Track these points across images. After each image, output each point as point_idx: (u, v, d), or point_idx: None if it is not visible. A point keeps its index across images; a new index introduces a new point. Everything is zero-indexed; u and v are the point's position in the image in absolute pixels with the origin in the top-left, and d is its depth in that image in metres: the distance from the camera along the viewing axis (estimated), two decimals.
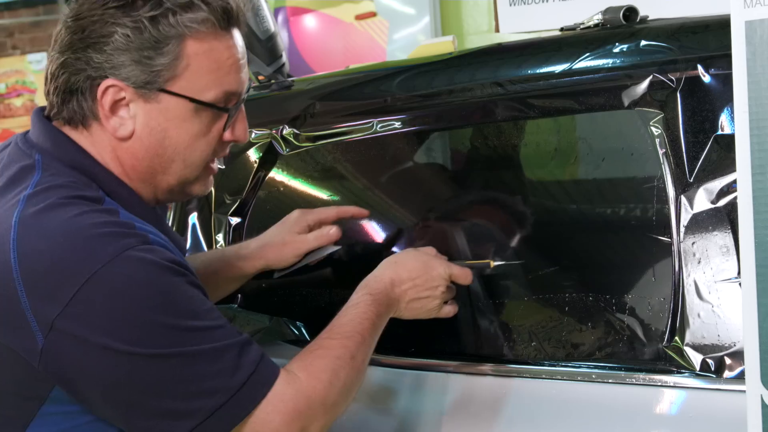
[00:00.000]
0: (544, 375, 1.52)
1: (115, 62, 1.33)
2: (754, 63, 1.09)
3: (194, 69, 1.35)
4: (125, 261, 1.24)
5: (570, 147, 1.71)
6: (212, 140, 1.41)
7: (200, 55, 1.35)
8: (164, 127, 1.37)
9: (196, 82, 1.36)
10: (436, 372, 1.64)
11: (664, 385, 1.40)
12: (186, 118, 1.37)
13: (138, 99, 1.35)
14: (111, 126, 1.36)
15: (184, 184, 1.43)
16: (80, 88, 1.36)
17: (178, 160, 1.39)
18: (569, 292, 1.57)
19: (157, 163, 1.39)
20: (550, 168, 1.75)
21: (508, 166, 1.80)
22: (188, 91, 1.36)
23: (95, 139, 1.38)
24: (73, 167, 1.36)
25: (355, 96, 1.92)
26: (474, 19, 4.87)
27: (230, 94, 1.39)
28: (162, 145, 1.38)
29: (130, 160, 1.39)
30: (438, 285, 1.57)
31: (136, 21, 1.32)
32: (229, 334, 1.30)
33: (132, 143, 1.38)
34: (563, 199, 1.76)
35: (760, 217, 1.10)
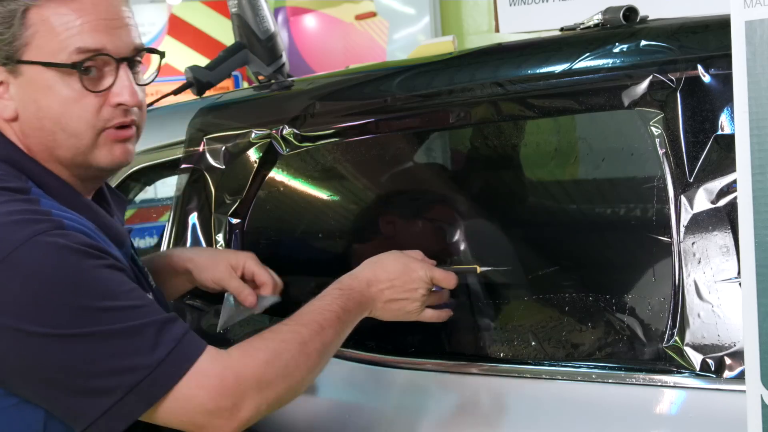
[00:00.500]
0: (544, 375, 1.52)
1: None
2: (754, 63, 1.09)
3: (42, 34, 1.37)
4: (35, 245, 1.26)
5: (570, 147, 1.71)
6: (88, 105, 1.40)
7: (45, 21, 1.37)
8: (34, 99, 1.39)
9: (47, 46, 1.38)
10: (436, 372, 1.64)
11: (664, 385, 1.40)
12: (50, 85, 1.38)
13: (10, 77, 1.39)
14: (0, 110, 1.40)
15: (80, 155, 1.42)
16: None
17: (58, 131, 1.40)
18: (569, 292, 1.56)
19: (44, 138, 1.40)
20: (550, 168, 1.75)
21: (508, 167, 1.80)
22: (40, 57, 1.38)
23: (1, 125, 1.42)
24: (2, 160, 1.39)
25: (355, 96, 1.92)
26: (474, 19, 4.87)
27: (85, 51, 1.38)
28: (38, 117, 1.40)
29: (25, 140, 1.41)
30: (417, 287, 1.56)
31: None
32: (149, 312, 1.31)
33: (20, 123, 1.41)
34: (563, 199, 1.76)
35: (760, 217, 1.10)
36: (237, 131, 2.04)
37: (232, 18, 2.34)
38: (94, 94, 1.40)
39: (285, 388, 1.38)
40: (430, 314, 1.60)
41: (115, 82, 1.41)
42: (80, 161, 1.43)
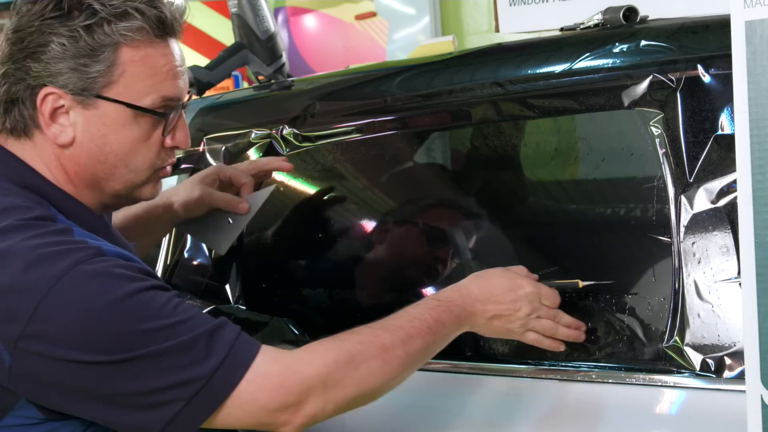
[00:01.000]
0: (545, 375, 1.52)
1: (52, 70, 1.36)
2: (754, 63, 1.09)
3: (130, 75, 1.38)
4: (77, 275, 1.27)
5: (570, 147, 1.71)
6: (154, 146, 1.44)
7: (135, 62, 1.39)
8: (103, 133, 1.40)
9: (132, 88, 1.39)
10: (435, 372, 1.64)
11: (664, 385, 1.40)
12: (125, 124, 1.40)
13: (77, 106, 1.38)
14: (52, 133, 1.39)
15: (130, 189, 1.46)
16: (21, 98, 1.39)
17: (120, 166, 1.42)
18: (569, 292, 1.56)
19: (100, 170, 1.42)
20: (550, 168, 1.75)
21: (508, 166, 1.80)
22: (124, 96, 1.39)
23: (39, 149, 1.41)
24: (23, 186, 1.39)
25: (355, 96, 1.92)
26: (474, 19, 4.86)
27: (168, 99, 1.42)
28: (103, 151, 1.41)
29: (74, 166, 1.42)
30: (522, 306, 1.50)
31: (72, 30, 1.35)
32: (196, 324, 1.31)
33: (74, 150, 1.41)
34: (563, 200, 1.76)
35: (760, 217, 1.10)
36: (237, 131, 2.04)
37: (232, 18, 2.34)
38: (160, 137, 1.43)
39: (356, 391, 1.36)
40: (533, 337, 1.53)
41: (177, 128, 1.45)
42: (125, 194, 1.46)
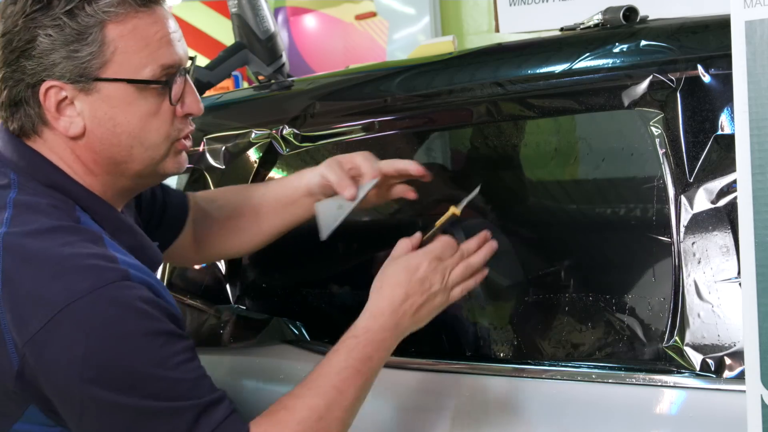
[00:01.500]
0: (544, 375, 1.52)
1: (46, 64, 1.35)
2: (754, 63, 1.09)
3: (122, 51, 1.36)
4: (99, 298, 1.26)
5: (570, 147, 1.71)
6: (164, 117, 1.41)
7: (125, 37, 1.36)
8: (111, 115, 1.38)
9: (128, 63, 1.37)
10: (435, 372, 1.64)
11: (664, 385, 1.40)
12: (130, 102, 1.38)
13: (79, 94, 1.37)
14: (62, 127, 1.38)
15: (152, 166, 1.43)
16: (23, 98, 1.38)
17: (136, 145, 1.40)
18: (569, 292, 1.56)
19: (117, 153, 1.40)
20: (550, 168, 1.75)
21: (508, 166, 1.80)
22: (122, 73, 1.36)
23: (51, 145, 1.40)
24: (48, 185, 1.39)
25: (355, 96, 1.92)
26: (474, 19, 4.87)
27: (167, 67, 1.39)
28: (115, 134, 1.38)
29: (90, 156, 1.40)
30: (431, 281, 1.46)
31: (55, 19, 1.34)
32: (194, 390, 1.30)
33: (86, 139, 1.39)
34: (563, 200, 1.76)
35: (760, 217, 1.10)
36: (237, 131, 2.04)
37: (232, 18, 2.34)
38: (169, 107, 1.41)
39: None
40: (459, 291, 1.49)
41: (185, 94, 1.43)
42: (149, 172, 1.44)
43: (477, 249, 1.51)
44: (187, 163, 1.48)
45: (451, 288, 1.48)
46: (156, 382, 1.27)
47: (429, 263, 1.46)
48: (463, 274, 1.48)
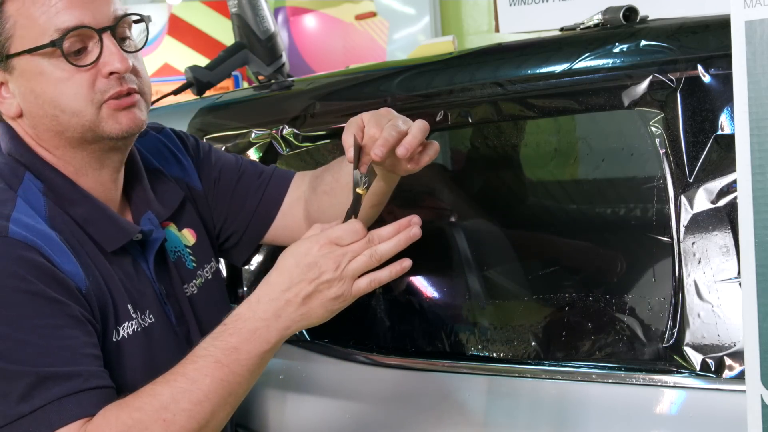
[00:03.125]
0: (544, 375, 1.52)
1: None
2: (754, 63, 1.09)
3: (22, 24, 1.39)
4: None
5: (570, 147, 1.71)
6: (81, 81, 1.40)
7: (22, 9, 1.39)
8: (31, 88, 1.41)
9: (29, 34, 1.39)
10: (435, 372, 1.64)
11: (664, 385, 1.40)
12: (41, 71, 1.40)
13: (4, 74, 1.42)
14: (4, 110, 1.44)
15: (89, 131, 1.42)
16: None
17: (58, 113, 1.41)
18: (569, 292, 1.56)
19: (49, 124, 1.42)
20: (550, 168, 1.75)
21: (508, 166, 1.80)
22: (25, 45, 1.39)
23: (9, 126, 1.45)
24: (8, 153, 1.44)
25: (355, 96, 1.92)
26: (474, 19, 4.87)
27: (67, 30, 1.38)
28: (39, 105, 1.41)
29: (34, 131, 1.44)
30: (321, 268, 1.28)
31: None
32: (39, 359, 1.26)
33: (27, 118, 1.43)
34: (563, 199, 1.76)
35: (760, 217, 1.10)
36: (237, 131, 2.04)
37: (232, 18, 2.34)
38: (84, 69, 1.40)
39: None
40: (365, 284, 1.30)
41: (101, 53, 1.40)
42: (91, 137, 1.43)
43: (391, 236, 1.32)
44: (137, 122, 1.43)
45: (352, 278, 1.29)
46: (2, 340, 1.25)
47: (320, 248, 1.29)
48: (367, 264, 1.29)
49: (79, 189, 1.45)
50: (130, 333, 1.40)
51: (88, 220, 1.43)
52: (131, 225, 1.48)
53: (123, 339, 1.39)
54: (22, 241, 1.31)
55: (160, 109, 2.36)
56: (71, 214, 1.42)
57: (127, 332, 1.40)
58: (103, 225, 1.44)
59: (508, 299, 1.67)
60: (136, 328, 1.42)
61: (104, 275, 1.40)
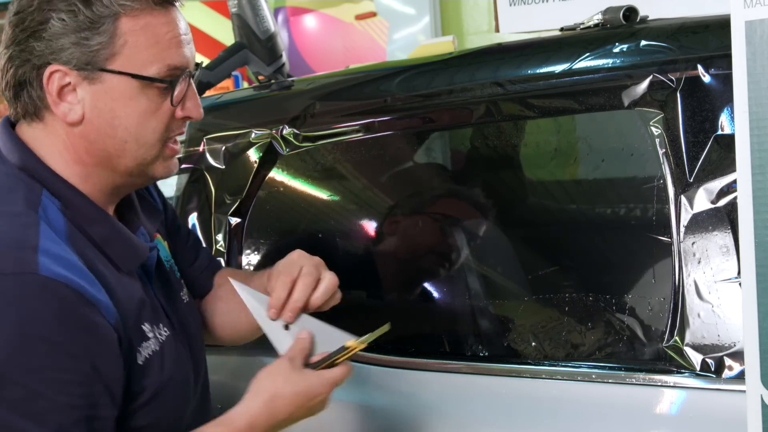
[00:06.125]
0: (544, 375, 1.52)
1: (54, 47, 1.35)
2: (754, 63, 1.09)
3: (132, 45, 1.36)
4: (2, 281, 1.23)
5: (570, 147, 1.71)
6: (163, 117, 1.40)
7: (137, 32, 1.36)
8: (111, 107, 1.37)
9: (136, 58, 1.36)
10: (436, 372, 1.64)
11: (664, 385, 1.41)
12: (132, 96, 1.37)
13: (83, 82, 1.36)
14: (61, 112, 1.37)
15: (142, 165, 1.42)
16: (27, 79, 1.37)
17: (130, 141, 1.39)
18: (569, 292, 1.56)
19: (111, 146, 1.39)
20: (550, 168, 1.75)
21: (508, 167, 1.80)
22: (128, 67, 1.36)
23: (50, 130, 1.40)
24: (21, 168, 1.38)
25: (355, 96, 1.92)
26: (474, 19, 4.87)
27: (173, 68, 1.39)
28: (112, 126, 1.38)
29: (84, 144, 1.39)
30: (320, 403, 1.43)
31: (71, 4, 1.34)
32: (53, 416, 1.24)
33: (83, 128, 1.38)
34: (563, 199, 1.76)
35: (760, 217, 1.10)
36: (237, 131, 2.04)
37: (232, 18, 2.34)
38: (169, 108, 1.40)
39: None
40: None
41: (186, 97, 1.41)
42: (138, 171, 1.42)
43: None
44: (177, 169, 1.47)
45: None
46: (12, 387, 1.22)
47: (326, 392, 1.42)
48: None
49: (98, 207, 1.42)
50: (151, 353, 1.40)
51: (107, 240, 1.39)
52: (143, 243, 1.47)
53: (146, 359, 1.38)
54: (54, 278, 1.26)
55: None
56: (90, 233, 1.38)
57: (148, 353, 1.39)
58: (121, 244, 1.42)
59: (507, 299, 1.67)
60: (155, 346, 1.41)
61: (122, 297, 1.37)
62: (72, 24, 1.34)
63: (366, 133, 1.85)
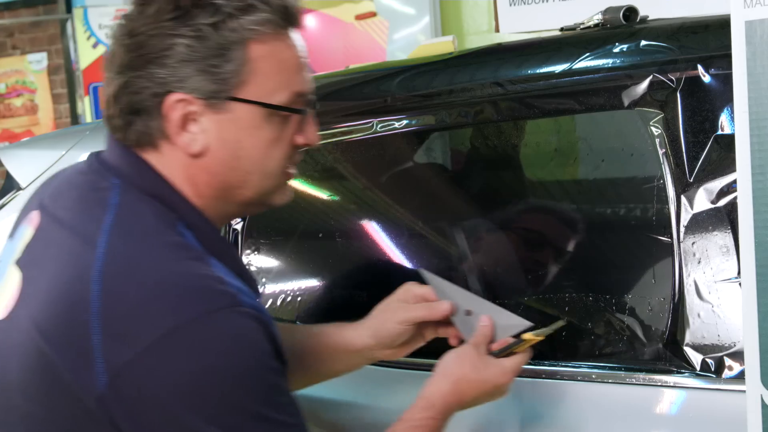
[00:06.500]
0: (544, 375, 1.52)
1: (180, 75, 1.25)
2: (754, 63, 1.09)
3: (260, 72, 1.28)
4: (212, 323, 1.17)
5: (570, 147, 1.71)
6: (285, 146, 1.32)
7: (265, 58, 1.28)
8: (237, 138, 1.29)
9: (264, 86, 1.28)
10: None
11: (664, 385, 1.41)
12: (258, 125, 1.29)
13: (207, 111, 1.27)
14: (182, 143, 1.28)
15: (263, 196, 1.34)
16: (145, 107, 1.27)
17: (255, 172, 1.31)
18: (569, 292, 1.56)
19: (233, 177, 1.30)
20: (550, 168, 1.75)
21: (508, 167, 1.80)
22: (257, 96, 1.28)
23: (166, 160, 1.30)
24: (152, 195, 1.28)
25: (355, 96, 1.92)
26: (474, 19, 4.87)
27: (299, 94, 1.32)
28: (236, 157, 1.29)
29: (205, 177, 1.30)
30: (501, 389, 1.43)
31: (197, 30, 1.25)
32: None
33: (206, 159, 1.29)
34: (563, 200, 1.76)
35: (760, 217, 1.10)
36: None
37: None
38: (290, 136, 1.33)
39: None
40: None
41: (307, 125, 1.34)
42: (256, 201, 1.35)
43: None
44: (292, 195, 1.39)
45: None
46: (261, 423, 1.19)
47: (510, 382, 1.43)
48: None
49: (224, 239, 1.35)
50: None
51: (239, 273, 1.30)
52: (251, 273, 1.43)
53: None
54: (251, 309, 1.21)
55: None
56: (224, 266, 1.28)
57: None
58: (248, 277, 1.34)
59: (507, 299, 1.67)
60: None
61: None
62: (201, 50, 1.25)
63: (366, 133, 1.85)
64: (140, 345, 1.15)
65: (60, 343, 1.19)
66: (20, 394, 1.24)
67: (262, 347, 1.20)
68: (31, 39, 7.41)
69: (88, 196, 1.30)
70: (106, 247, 1.21)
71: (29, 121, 7.49)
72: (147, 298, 1.17)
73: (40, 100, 7.47)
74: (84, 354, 1.17)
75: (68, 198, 1.33)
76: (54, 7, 7.31)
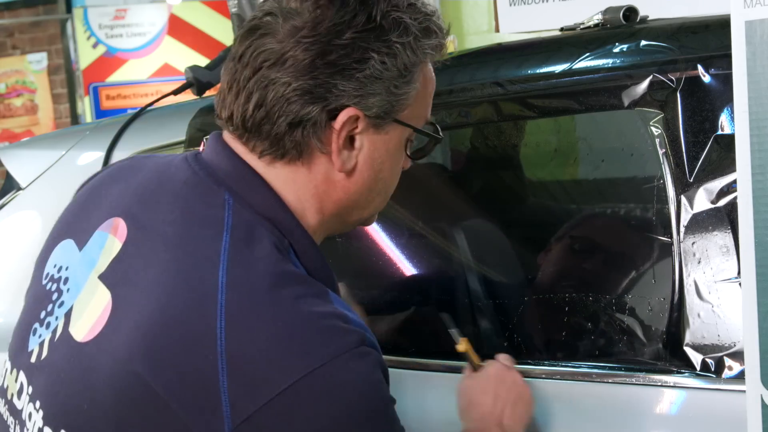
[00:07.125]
0: (544, 375, 1.52)
1: (364, 91, 1.18)
2: (754, 63, 1.09)
3: (420, 96, 1.25)
4: (344, 365, 1.11)
5: (570, 147, 1.71)
6: (400, 170, 1.30)
7: (426, 81, 1.25)
8: (384, 159, 1.25)
9: (419, 110, 1.26)
10: (436, 372, 1.64)
11: (664, 385, 1.41)
12: (400, 149, 1.26)
13: (368, 130, 1.21)
14: (340, 160, 1.21)
15: (373, 216, 1.32)
16: (313, 119, 1.18)
17: (382, 193, 1.28)
18: (569, 292, 1.57)
19: (363, 197, 1.26)
20: (550, 168, 1.75)
21: (508, 167, 1.80)
22: (411, 119, 1.25)
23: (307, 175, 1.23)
24: (266, 217, 1.21)
25: None
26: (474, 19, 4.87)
27: (428, 121, 1.30)
28: (376, 178, 1.25)
29: (339, 194, 1.24)
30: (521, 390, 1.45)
31: (390, 47, 1.19)
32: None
33: (352, 178, 1.24)
34: (563, 199, 1.76)
35: (760, 217, 1.10)
36: None
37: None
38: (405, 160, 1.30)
39: None
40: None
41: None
42: (364, 221, 1.33)
43: None
44: None
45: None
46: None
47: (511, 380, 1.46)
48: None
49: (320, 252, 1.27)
50: None
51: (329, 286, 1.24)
52: None
53: None
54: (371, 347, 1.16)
55: (160, 109, 2.36)
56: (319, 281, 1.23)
57: None
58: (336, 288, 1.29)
59: (507, 299, 1.67)
60: None
61: None
62: (392, 69, 1.19)
63: None
64: (272, 392, 1.09)
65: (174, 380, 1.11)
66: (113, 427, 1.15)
67: (384, 385, 1.17)
68: (31, 39, 7.42)
69: (199, 212, 1.20)
70: (227, 277, 1.13)
71: (29, 121, 7.50)
72: (275, 341, 1.11)
73: (40, 100, 7.48)
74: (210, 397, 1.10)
75: (170, 211, 1.22)
76: (54, 7, 7.32)
